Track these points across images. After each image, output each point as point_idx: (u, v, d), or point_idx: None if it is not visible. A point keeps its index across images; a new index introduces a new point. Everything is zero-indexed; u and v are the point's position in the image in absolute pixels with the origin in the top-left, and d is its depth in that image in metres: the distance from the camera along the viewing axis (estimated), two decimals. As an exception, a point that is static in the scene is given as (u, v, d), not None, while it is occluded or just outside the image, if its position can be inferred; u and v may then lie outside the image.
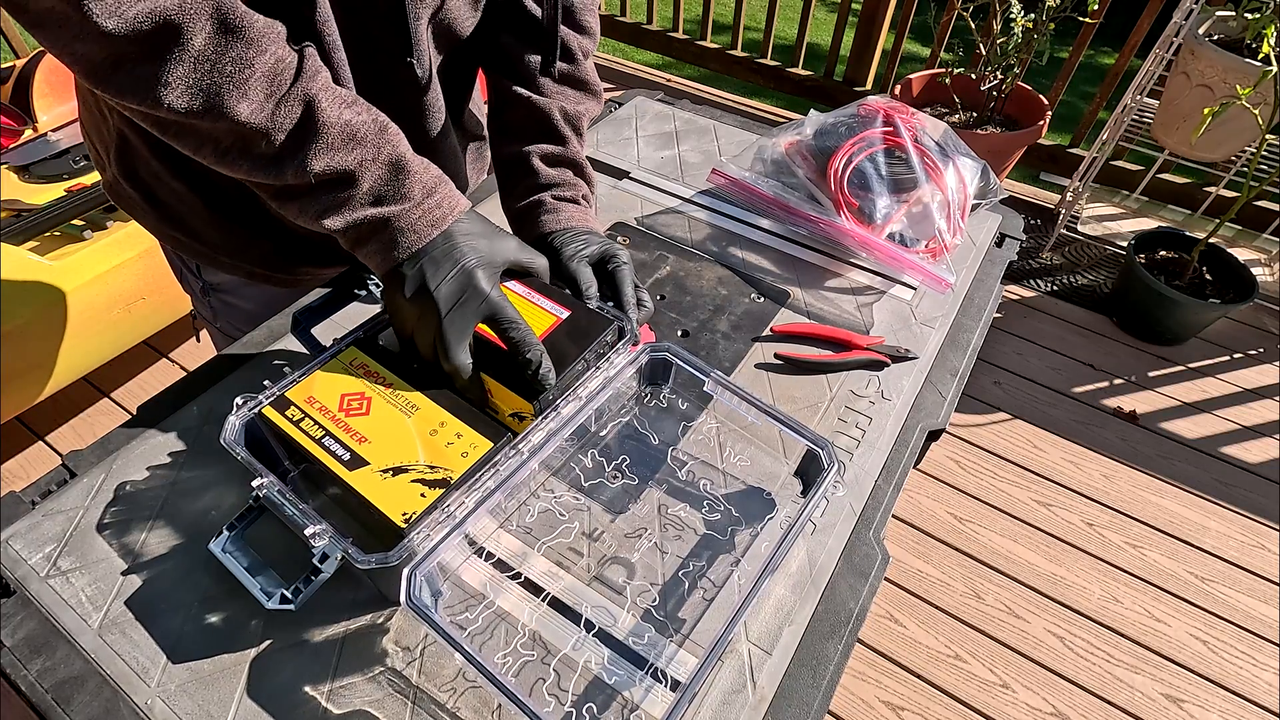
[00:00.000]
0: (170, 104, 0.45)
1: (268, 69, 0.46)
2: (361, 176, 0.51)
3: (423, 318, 0.53)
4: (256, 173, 0.50)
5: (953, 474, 1.64)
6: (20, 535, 0.53)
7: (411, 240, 0.52)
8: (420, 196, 0.53)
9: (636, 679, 0.48)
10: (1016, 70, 2.04)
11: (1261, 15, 1.50)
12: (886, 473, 0.63)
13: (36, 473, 1.55)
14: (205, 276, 0.77)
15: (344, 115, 0.50)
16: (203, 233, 0.71)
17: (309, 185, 0.50)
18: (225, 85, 0.45)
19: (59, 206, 1.44)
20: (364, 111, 0.51)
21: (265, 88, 0.47)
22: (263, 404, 0.52)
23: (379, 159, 0.51)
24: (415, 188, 0.52)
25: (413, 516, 0.47)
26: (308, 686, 0.47)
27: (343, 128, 0.49)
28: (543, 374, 0.53)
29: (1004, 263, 0.86)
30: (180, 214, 0.69)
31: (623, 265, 0.63)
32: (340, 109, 0.50)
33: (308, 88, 0.48)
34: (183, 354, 1.80)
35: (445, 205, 0.54)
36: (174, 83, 0.44)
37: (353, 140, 0.50)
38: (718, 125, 1.06)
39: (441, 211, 0.53)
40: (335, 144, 0.49)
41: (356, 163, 0.50)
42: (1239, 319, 1.98)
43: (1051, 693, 1.30)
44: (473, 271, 0.52)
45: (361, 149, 0.51)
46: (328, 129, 0.49)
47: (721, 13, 3.71)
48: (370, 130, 0.51)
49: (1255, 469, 1.65)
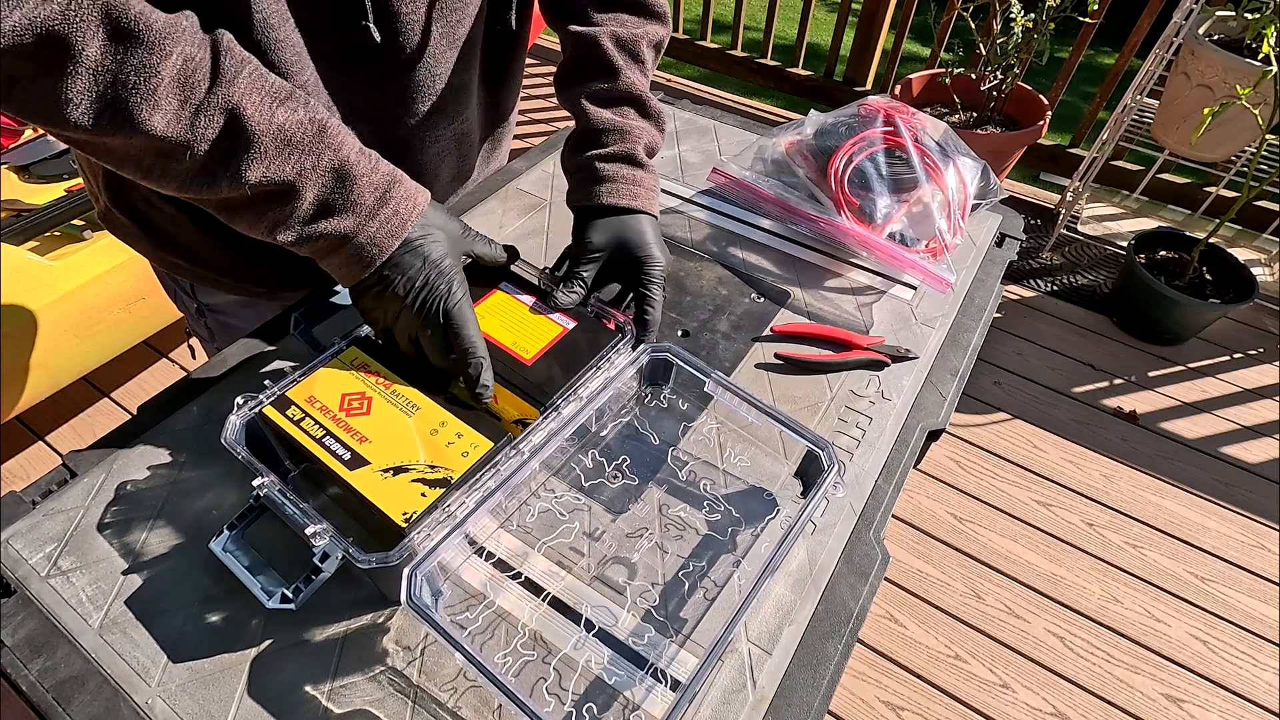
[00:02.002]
0: (76, 121, 0.41)
1: (175, 74, 0.42)
2: (303, 186, 0.47)
3: (399, 325, 0.53)
4: (188, 188, 0.47)
5: (953, 474, 1.64)
6: (21, 535, 0.53)
7: (373, 254, 0.50)
8: (373, 204, 0.49)
9: (637, 679, 0.48)
10: (1016, 70, 2.04)
11: (1261, 15, 1.50)
12: (886, 473, 0.63)
13: (36, 473, 1.55)
14: (200, 298, 0.76)
15: (276, 118, 0.45)
16: (202, 255, 0.68)
17: (247, 198, 0.47)
18: (131, 97, 0.41)
19: (59, 206, 1.44)
20: (299, 110, 0.47)
21: (177, 94, 0.43)
22: (263, 404, 0.52)
23: (319, 165, 0.47)
24: (365, 194, 0.49)
25: (413, 516, 0.47)
26: (308, 686, 0.47)
27: (275, 133, 0.45)
28: (481, 387, 0.52)
29: (1004, 263, 0.86)
30: (176, 238, 0.67)
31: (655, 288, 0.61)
32: (271, 111, 0.45)
33: (229, 93, 0.44)
34: (183, 354, 1.79)
35: (403, 210, 0.51)
36: (75, 99, 0.40)
37: (288, 146, 0.46)
38: (718, 125, 1.06)
39: (399, 219, 0.51)
40: (269, 151, 0.45)
41: (295, 172, 0.47)
42: (1239, 319, 1.98)
43: (1051, 693, 1.30)
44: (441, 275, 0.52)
45: (299, 155, 0.47)
46: (259, 136, 0.45)
47: (721, 13, 3.71)
48: (307, 133, 0.47)
49: (1255, 469, 1.65)
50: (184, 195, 0.48)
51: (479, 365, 0.52)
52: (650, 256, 0.62)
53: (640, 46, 0.66)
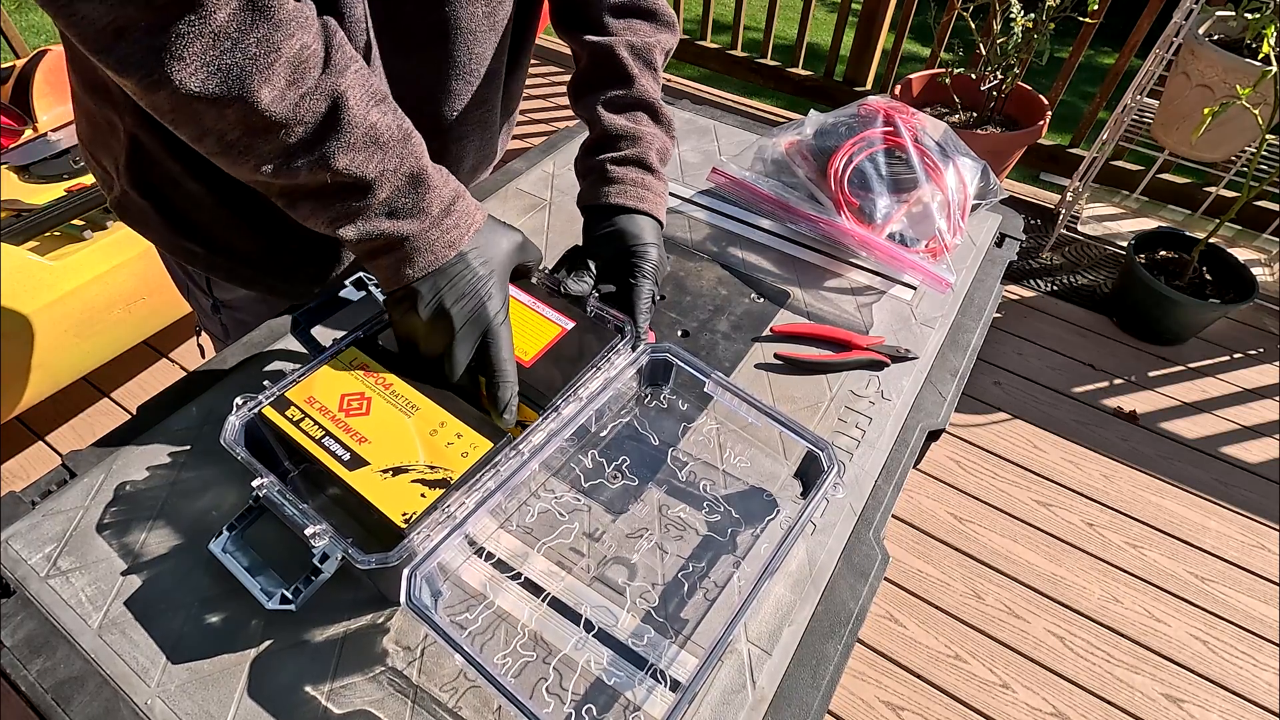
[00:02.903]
0: (181, 81, 0.41)
1: (293, 55, 0.43)
2: (380, 185, 0.49)
3: (433, 335, 0.52)
4: (264, 166, 0.47)
5: (953, 474, 1.64)
6: (20, 535, 0.53)
7: (428, 261, 0.51)
8: (438, 214, 0.51)
9: (637, 679, 0.48)
10: (1016, 70, 2.04)
11: (1261, 15, 1.50)
12: (886, 473, 0.63)
13: (36, 473, 1.55)
14: (216, 293, 0.75)
15: (371, 116, 0.47)
16: (221, 241, 0.67)
17: (323, 185, 0.48)
18: (248, 67, 0.41)
19: (59, 206, 1.44)
20: (390, 115, 0.49)
21: (289, 74, 0.44)
22: (263, 404, 0.52)
23: (400, 169, 0.49)
24: (434, 204, 0.51)
25: (413, 517, 0.47)
26: (308, 686, 0.47)
27: (368, 129, 0.47)
28: (507, 410, 0.52)
29: (1004, 263, 0.86)
30: (197, 222, 0.66)
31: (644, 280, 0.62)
32: (368, 109, 0.47)
33: (337, 83, 0.46)
34: (183, 354, 1.79)
35: (463, 224, 0.52)
36: (188, 58, 0.40)
37: (375, 144, 0.48)
38: (718, 125, 1.06)
39: (459, 232, 0.52)
40: (358, 144, 0.47)
41: (378, 171, 0.48)
42: (1239, 319, 1.98)
43: (1051, 693, 1.30)
44: (488, 292, 0.52)
45: (383, 156, 0.48)
46: (352, 127, 0.46)
47: (721, 13, 3.71)
48: (394, 136, 0.49)
49: (1255, 469, 1.65)
50: (255, 177, 0.48)
51: (508, 390, 0.52)
52: (643, 248, 0.63)
53: (654, 54, 0.68)
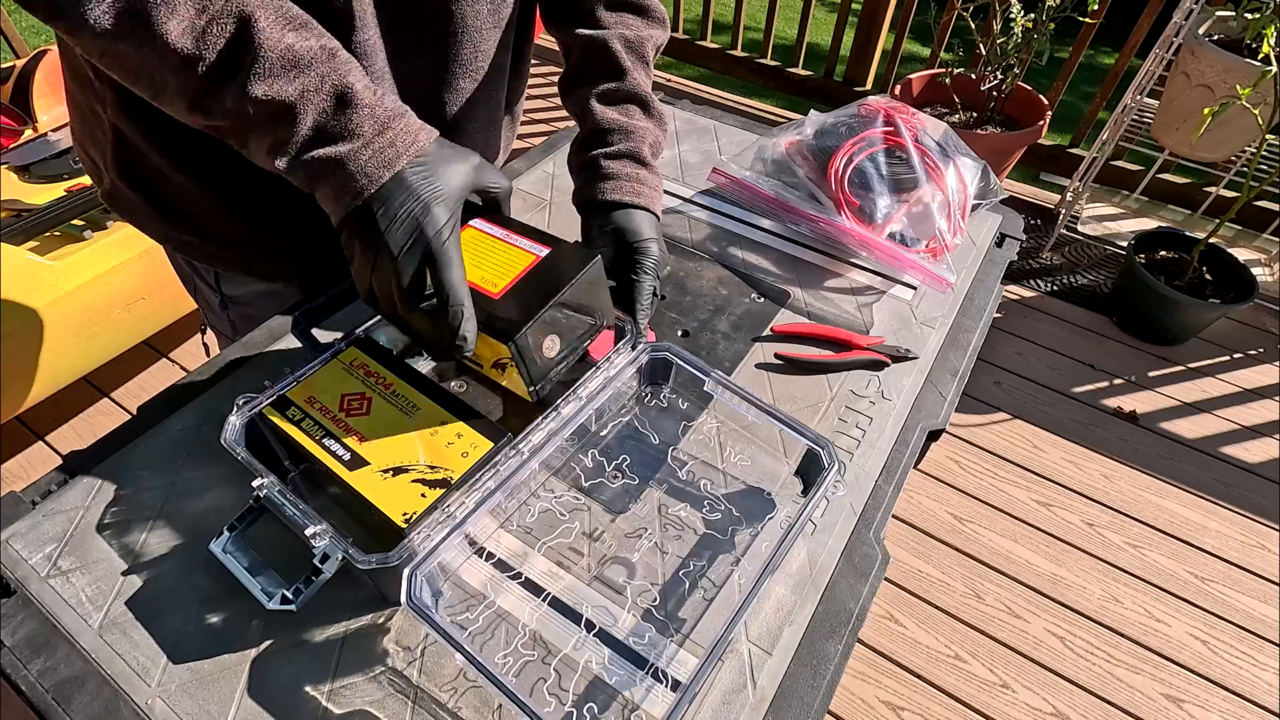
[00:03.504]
0: (95, 21, 0.41)
1: None
2: (303, 109, 0.46)
3: (377, 266, 0.48)
4: (197, 107, 0.45)
5: (953, 474, 1.64)
6: (20, 535, 0.53)
7: (362, 184, 0.47)
8: (371, 134, 0.47)
9: (637, 679, 0.48)
10: (1016, 70, 2.04)
11: (1261, 15, 1.50)
12: (886, 473, 0.63)
13: (36, 473, 1.55)
14: (224, 289, 0.73)
15: (285, 38, 0.45)
16: (211, 228, 0.66)
17: (249, 116, 0.46)
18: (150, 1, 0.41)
19: (59, 206, 1.44)
20: (311, 38, 0.46)
21: (195, 3, 0.42)
22: (263, 404, 0.52)
23: (323, 89, 0.46)
24: (365, 123, 0.47)
25: (413, 516, 0.47)
26: (308, 686, 0.47)
27: (284, 51, 0.45)
28: (459, 339, 0.47)
29: (1004, 263, 0.86)
30: (186, 210, 0.65)
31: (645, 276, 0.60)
32: (281, 30, 0.45)
33: (243, 3, 0.43)
34: (183, 354, 1.79)
35: (400, 143, 0.48)
36: None
37: (294, 66, 0.45)
38: (718, 125, 1.06)
39: (394, 150, 0.47)
40: (274, 68, 0.44)
41: (297, 93, 0.45)
42: (1239, 319, 1.98)
43: (1051, 693, 1.30)
44: (421, 213, 0.47)
45: (304, 77, 0.45)
46: (266, 50, 0.44)
47: (721, 13, 3.71)
48: (316, 56, 0.46)
49: (1255, 469, 1.65)
50: (193, 118, 0.47)
51: (458, 314, 0.47)
52: (643, 244, 0.62)
53: (646, 49, 0.67)
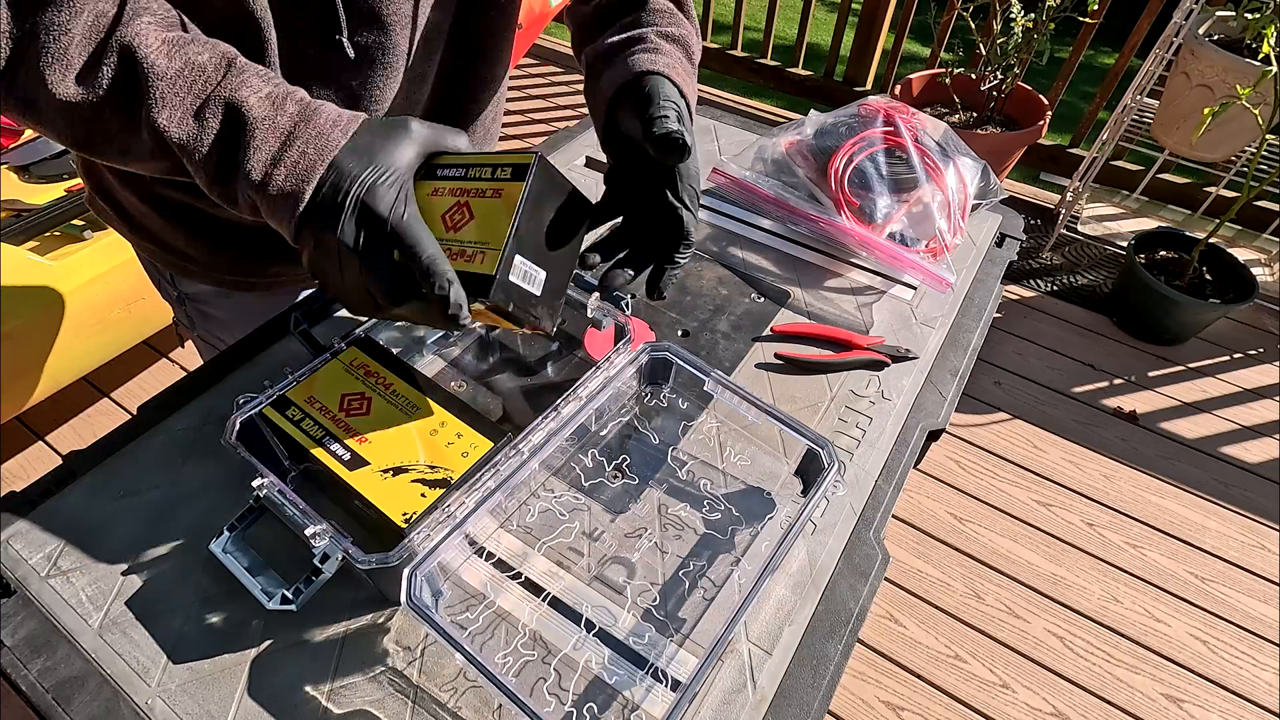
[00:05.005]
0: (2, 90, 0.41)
1: (85, 29, 0.40)
2: (204, 138, 0.42)
3: (342, 270, 0.44)
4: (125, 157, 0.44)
5: (953, 474, 1.64)
6: (20, 535, 0.53)
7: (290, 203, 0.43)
8: (276, 150, 0.43)
9: (637, 679, 0.48)
10: (1016, 70, 2.04)
11: (1261, 15, 1.50)
12: (886, 473, 0.63)
13: (36, 473, 1.54)
14: (180, 286, 0.76)
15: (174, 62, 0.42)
16: (170, 244, 0.69)
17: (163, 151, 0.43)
18: (43, 58, 0.40)
19: (59, 206, 1.44)
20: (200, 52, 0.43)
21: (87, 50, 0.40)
22: (263, 404, 0.53)
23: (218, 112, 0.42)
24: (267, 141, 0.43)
25: (413, 516, 0.47)
26: (308, 686, 0.47)
27: (175, 75, 0.41)
28: (454, 308, 0.43)
29: (1004, 263, 0.86)
30: (147, 225, 0.68)
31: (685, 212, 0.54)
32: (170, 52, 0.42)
33: (124, 33, 0.41)
34: (183, 354, 1.79)
35: (311, 149, 0.43)
36: None
37: (188, 91, 0.42)
38: (718, 125, 1.06)
39: (307, 160, 0.43)
40: (166, 100, 0.41)
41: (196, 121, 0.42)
42: (1239, 319, 1.98)
43: (1051, 693, 1.30)
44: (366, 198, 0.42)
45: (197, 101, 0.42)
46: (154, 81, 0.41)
47: (721, 13, 3.71)
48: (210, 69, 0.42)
49: (1255, 469, 1.65)
50: (129, 167, 0.45)
51: (444, 283, 0.42)
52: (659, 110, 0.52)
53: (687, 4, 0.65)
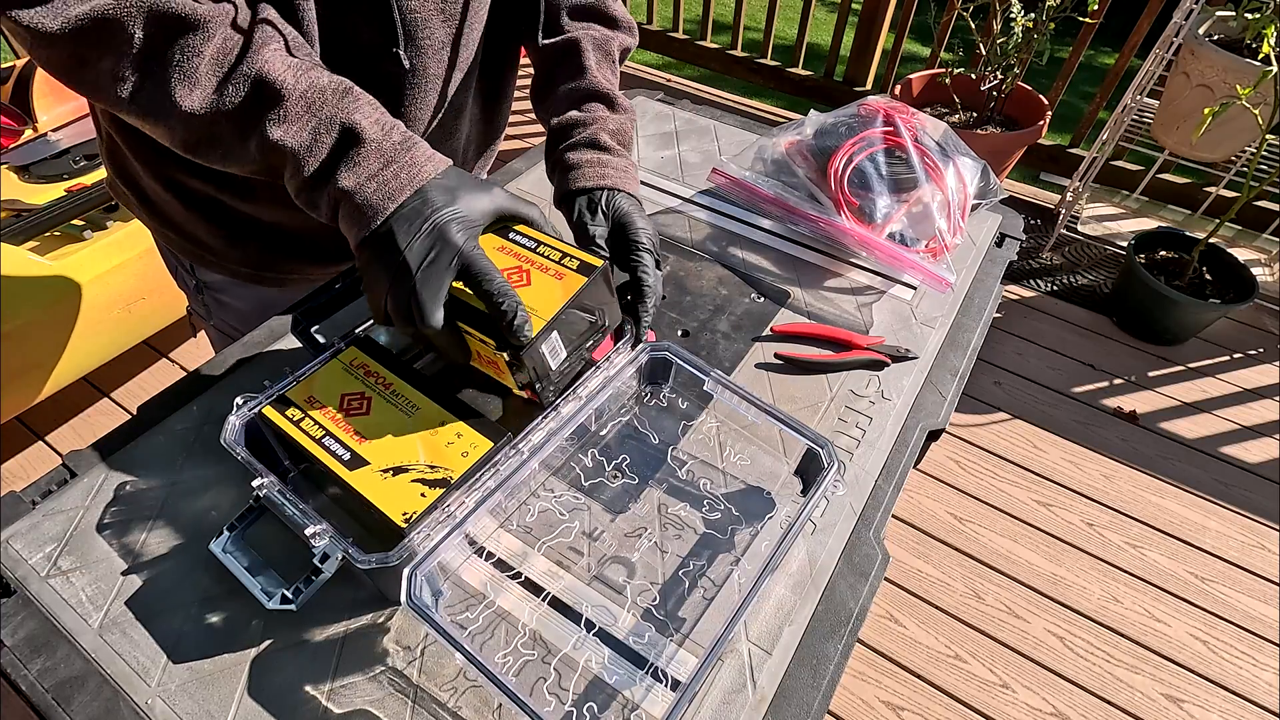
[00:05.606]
0: (128, 98, 0.46)
1: (215, 52, 0.46)
2: (316, 149, 0.49)
3: (395, 282, 0.48)
4: (230, 161, 0.50)
5: (953, 474, 1.64)
6: (20, 535, 0.53)
7: (369, 215, 0.49)
8: (376, 168, 0.49)
9: (637, 678, 0.48)
10: (1016, 70, 2.04)
11: (1261, 15, 1.50)
12: (886, 473, 0.63)
13: (36, 473, 1.55)
14: (199, 275, 0.77)
15: (300, 84, 0.48)
16: (190, 233, 0.71)
17: (269, 160, 0.49)
18: (173, 75, 0.45)
19: (59, 206, 1.44)
20: (321, 77, 0.49)
21: (216, 73, 0.46)
22: (263, 404, 0.52)
23: (333, 129, 0.49)
24: (370, 158, 0.49)
25: (413, 516, 0.47)
26: (308, 686, 0.47)
27: (299, 97, 0.48)
28: (517, 326, 0.48)
29: (1004, 263, 0.86)
30: (168, 215, 0.70)
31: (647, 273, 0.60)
32: (296, 76, 0.48)
33: (254, 59, 0.47)
34: (183, 354, 1.79)
35: (404, 174, 0.49)
36: (126, 76, 0.45)
37: (308, 110, 0.48)
38: (718, 125, 1.06)
39: (398, 182, 0.49)
40: (290, 113, 0.48)
41: (311, 134, 0.48)
42: (1239, 319, 1.98)
43: (1051, 693, 1.30)
44: (444, 227, 0.49)
45: (316, 119, 0.48)
46: (284, 98, 0.47)
47: (721, 13, 3.71)
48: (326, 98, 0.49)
49: (1255, 469, 1.65)
50: (227, 166, 0.51)
51: (514, 304, 0.48)
52: (633, 225, 0.61)
53: (611, 47, 0.70)
